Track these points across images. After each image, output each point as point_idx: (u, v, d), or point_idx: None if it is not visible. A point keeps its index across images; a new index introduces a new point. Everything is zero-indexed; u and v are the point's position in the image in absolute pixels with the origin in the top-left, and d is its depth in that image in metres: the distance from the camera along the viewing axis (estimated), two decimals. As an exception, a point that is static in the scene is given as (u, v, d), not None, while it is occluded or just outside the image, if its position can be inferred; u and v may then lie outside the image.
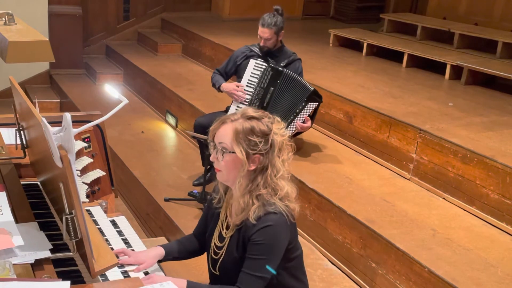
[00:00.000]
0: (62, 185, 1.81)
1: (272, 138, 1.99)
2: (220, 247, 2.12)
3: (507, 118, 4.52)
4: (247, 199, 2.00)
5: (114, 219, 2.53)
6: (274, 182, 2.00)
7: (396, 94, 5.05)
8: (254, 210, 1.98)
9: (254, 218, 1.97)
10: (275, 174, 2.00)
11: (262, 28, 4.21)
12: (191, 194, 4.34)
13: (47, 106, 7.10)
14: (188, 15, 8.80)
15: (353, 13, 9.04)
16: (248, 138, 1.97)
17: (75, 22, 7.75)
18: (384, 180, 4.11)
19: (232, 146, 1.98)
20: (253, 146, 1.97)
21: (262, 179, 2.00)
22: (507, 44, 5.90)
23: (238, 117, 2.01)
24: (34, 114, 1.96)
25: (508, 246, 3.29)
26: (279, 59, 4.29)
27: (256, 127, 1.98)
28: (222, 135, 2.01)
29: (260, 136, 1.98)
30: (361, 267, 3.45)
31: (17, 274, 1.83)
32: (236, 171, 2.01)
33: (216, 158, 2.03)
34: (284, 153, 2.04)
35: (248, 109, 2.06)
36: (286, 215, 2.00)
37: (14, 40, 1.88)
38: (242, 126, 1.98)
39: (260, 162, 1.99)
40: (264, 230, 1.96)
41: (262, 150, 1.98)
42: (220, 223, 2.15)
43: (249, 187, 2.00)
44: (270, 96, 4.15)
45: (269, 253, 1.97)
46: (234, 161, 1.99)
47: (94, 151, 3.07)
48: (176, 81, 6.57)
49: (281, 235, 1.99)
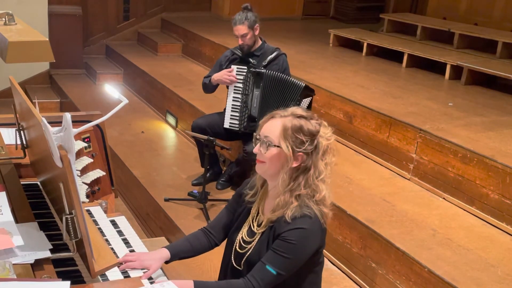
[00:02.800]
0: (62, 185, 1.81)
1: (318, 140, 2.03)
2: (248, 242, 2.12)
3: (507, 118, 4.52)
4: (287, 197, 2.02)
5: (114, 219, 2.53)
6: (315, 184, 2.02)
7: (396, 94, 5.05)
8: (292, 209, 2.00)
9: (290, 217, 1.98)
10: (317, 176, 2.03)
11: (234, 27, 4.21)
12: (191, 194, 4.34)
13: (47, 106, 7.10)
14: (188, 15, 8.80)
15: (353, 13, 9.04)
16: (295, 135, 2.00)
17: (75, 22, 7.75)
18: (384, 180, 4.11)
19: (279, 141, 2.01)
20: (299, 144, 2.00)
21: (304, 179, 2.02)
22: (507, 44, 5.90)
23: (288, 114, 2.05)
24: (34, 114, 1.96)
25: (508, 246, 3.29)
26: (261, 58, 4.27)
27: (305, 126, 2.02)
28: (269, 129, 2.04)
29: (307, 135, 2.01)
30: (361, 267, 3.45)
31: (17, 274, 1.83)
32: (278, 166, 2.03)
33: (260, 150, 2.05)
34: (328, 157, 2.06)
35: (298, 108, 2.09)
36: (320, 220, 2.01)
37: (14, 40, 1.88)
38: (292, 122, 2.01)
39: (303, 161, 2.01)
40: (298, 231, 1.97)
41: (307, 150, 2.01)
42: (251, 219, 2.16)
43: (291, 186, 2.02)
44: (257, 100, 4.14)
45: (295, 255, 1.98)
46: (278, 155, 2.01)
47: (94, 151, 3.07)
48: (176, 81, 6.57)
49: (312, 241, 2.01)
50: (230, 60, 4.35)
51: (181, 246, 2.26)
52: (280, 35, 7.34)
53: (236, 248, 2.16)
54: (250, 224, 2.15)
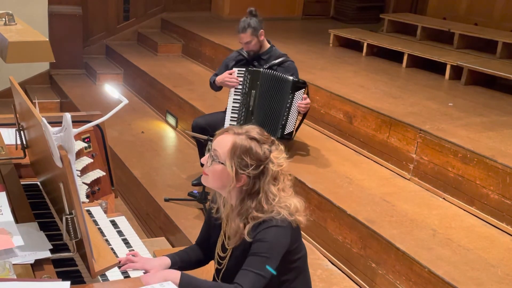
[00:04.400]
0: (62, 185, 1.81)
1: (266, 166, 1.98)
2: (223, 258, 2.11)
3: (507, 118, 4.52)
4: (237, 223, 1.99)
5: (114, 219, 2.53)
6: (273, 206, 1.98)
7: (396, 94, 5.05)
8: (248, 228, 1.97)
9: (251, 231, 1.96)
10: (272, 198, 1.98)
11: (239, 35, 4.22)
12: (191, 194, 4.34)
13: (47, 106, 7.10)
14: (188, 15, 8.80)
15: (353, 13, 9.04)
16: (242, 156, 1.96)
17: (75, 22, 7.75)
18: (384, 180, 4.11)
19: (224, 158, 1.97)
20: (243, 166, 1.96)
21: (253, 203, 1.98)
22: (507, 44, 5.90)
23: (242, 132, 2.00)
24: (34, 114, 1.96)
25: (508, 246, 3.29)
26: (267, 62, 4.27)
27: (254, 149, 1.96)
28: (220, 143, 2.00)
29: (254, 159, 1.96)
30: (361, 267, 3.45)
31: (17, 274, 1.83)
32: (221, 182, 2.00)
33: (206, 161, 2.03)
34: (280, 182, 2.02)
35: (256, 128, 2.04)
36: (287, 219, 1.99)
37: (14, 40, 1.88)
38: (241, 143, 1.97)
39: (247, 184, 1.97)
40: (268, 229, 1.95)
41: (250, 174, 1.96)
42: (223, 233, 2.14)
43: (239, 210, 2.00)
44: (254, 100, 4.14)
45: (270, 251, 1.96)
46: (221, 172, 1.98)
47: (94, 151, 3.07)
48: (176, 81, 6.57)
49: (283, 236, 1.98)
50: (236, 61, 4.35)
51: (181, 256, 2.27)
52: (280, 35, 7.33)
53: (215, 264, 2.16)
54: (222, 239, 2.13)
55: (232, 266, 2.06)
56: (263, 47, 4.30)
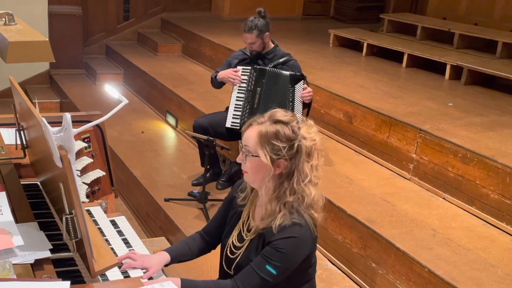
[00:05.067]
0: (62, 185, 1.81)
1: (299, 143, 1.95)
2: (238, 247, 2.10)
3: (507, 118, 4.52)
4: (274, 206, 1.98)
5: (114, 219, 2.53)
6: (301, 188, 1.97)
7: (396, 94, 5.05)
8: (280, 218, 1.95)
9: (279, 227, 1.94)
10: (302, 179, 1.96)
11: (244, 34, 4.22)
12: (191, 194, 4.34)
13: (47, 106, 7.11)
14: (188, 15, 8.80)
15: (353, 13, 9.04)
16: (272, 142, 1.94)
17: (75, 22, 7.75)
18: (384, 180, 4.11)
19: (256, 150, 1.96)
20: (277, 151, 1.94)
21: (289, 186, 1.97)
22: (507, 44, 5.90)
23: (265, 120, 1.98)
24: (34, 114, 1.96)
25: (508, 246, 3.29)
26: (271, 61, 4.28)
27: (281, 131, 1.94)
28: (247, 137, 1.99)
29: (285, 141, 1.94)
30: (361, 267, 3.45)
31: (17, 274, 1.83)
32: (261, 175, 1.98)
33: (242, 160, 2.02)
34: (314, 158, 1.99)
35: (278, 111, 2.01)
36: (311, 228, 1.97)
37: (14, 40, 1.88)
38: (267, 129, 1.95)
39: (286, 167, 1.96)
40: (288, 240, 1.93)
41: (287, 156, 1.94)
42: (241, 223, 2.13)
43: (276, 193, 1.98)
44: (258, 97, 4.16)
45: (284, 263, 1.95)
46: (258, 165, 1.97)
47: (94, 151, 3.07)
48: (176, 81, 6.57)
49: (302, 249, 1.97)
50: (240, 60, 4.35)
51: (180, 249, 2.26)
52: (280, 35, 7.32)
53: (227, 252, 2.15)
54: (240, 229, 2.13)
55: (246, 259, 2.05)
56: (267, 47, 4.31)
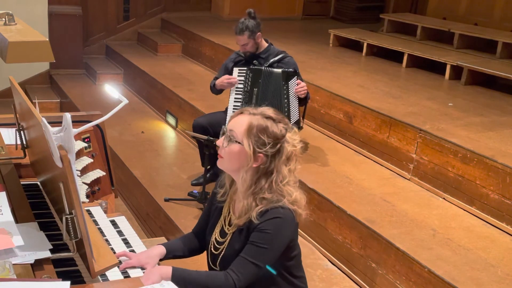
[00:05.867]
0: (62, 185, 1.81)
1: (282, 145, 1.99)
2: (221, 243, 2.11)
3: (507, 118, 4.52)
4: (250, 202, 2.00)
5: (114, 219, 2.52)
6: (280, 188, 2.00)
7: (396, 94, 5.05)
8: (258, 210, 1.97)
9: (258, 216, 1.96)
10: (281, 180, 2.00)
11: (236, 36, 4.26)
12: (191, 194, 4.34)
13: (47, 106, 7.10)
14: (188, 15, 8.80)
15: (353, 13, 9.04)
16: (259, 135, 1.97)
17: (75, 22, 7.75)
18: (384, 180, 4.11)
19: (241, 137, 1.98)
20: (261, 144, 1.97)
21: (267, 183, 1.99)
22: (507, 44, 5.90)
23: (257, 112, 2.02)
24: (34, 114, 1.96)
25: (508, 246, 3.29)
26: (265, 60, 4.30)
27: (270, 128, 1.98)
28: (236, 123, 2.01)
29: (271, 137, 1.98)
30: (361, 267, 3.45)
31: (17, 274, 1.83)
32: (238, 163, 2.00)
33: (222, 143, 2.03)
34: (292, 163, 2.03)
35: (270, 109, 2.06)
36: (292, 213, 2.00)
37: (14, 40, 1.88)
38: (258, 122, 1.99)
39: (263, 162, 1.98)
40: (273, 221, 1.96)
41: (268, 152, 1.97)
42: (223, 218, 2.15)
43: (252, 189, 2.00)
44: (255, 97, 4.19)
45: (272, 244, 1.97)
46: (238, 152, 1.99)
47: (94, 151, 3.07)
48: (176, 81, 6.57)
49: (287, 230, 2.00)
50: (235, 62, 4.37)
51: (175, 245, 2.28)
52: (280, 35, 7.33)
53: (211, 249, 2.16)
54: (222, 224, 2.14)
55: (230, 251, 2.06)
56: (261, 46, 4.33)
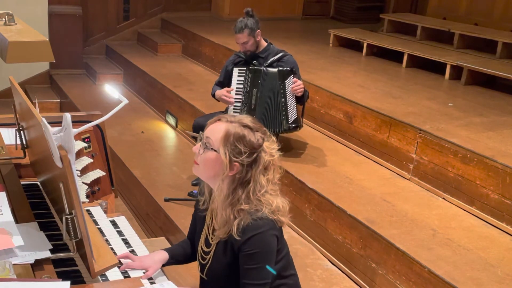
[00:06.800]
0: (62, 185, 1.81)
1: (259, 155, 1.96)
2: (207, 252, 2.09)
3: (507, 118, 4.52)
4: (228, 213, 1.96)
5: (114, 219, 2.52)
6: (258, 198, 1.95)
7: (396, 94, 5.05)
8: (237, 224, 1.94)
9: (239, 232, 1.93)
10: (259, 189, 1.96)
11: (236, 35, 4.26)
12: (191, 194, 4.34)
13: (47, 106, 7.10)
14: (188, 15, 8.80)
15: (353, 13, 9.03)
16: (235, 143, 1.93)
17: (75, 22, 7.75)
18: (384, 180, 4.10)
19: (218, 145, 1.95)
20: (237, 153, 1.93)
21: (244, 193, 1.95)
22: (507, 44, 5.90)
23: (235, 120, 1.98)
24: (34, 114, 1.96)
25: (508, 246, 3.29)
26: (265, 60, 4.30)
27: (247, 136, 1.94)
28: (213, 130, 1.98)
29: (247, 147, 1.94)
30: (361, 267, 3.45)
31: (17, 274, 1.83)
32: (213, 171, 1.97)
33: (198, 150, 2.00)
34: (270, 173, 1.99)
35: (248, 117, 2.02)
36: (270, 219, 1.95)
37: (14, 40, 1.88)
38: (235, 130, 1.95)
39: (239, 172, 1.94)
40: (254, 239, 1.92)
41: (244, 161, 1.93)
42: (206, 227, 2.12)
43: (230, 200, 1.96)
44: (255, 98, 4.19)
45: (264, 259, 1.95)
46: (213, 160, 1.95)
47: (94, 151, 3.07)
48: (176, 81, 6.57)
49: (271, 239, 1.96)
50: (235, 63, 4.37)
51: (177, 250, 2.27)
52: (280, 35, 7.33)
53: (199, 258, 2.15)
54: (206, 233, 2.11)
55: (217, 264, 2.04)
56: (260, 46, 4.33)
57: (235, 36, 4.26)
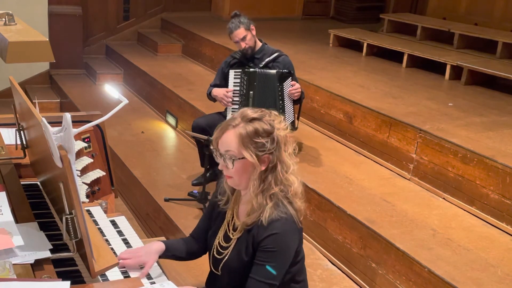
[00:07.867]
0: (62, 185, 1.81)
1: (277, 135, 1.99)
2: (225, 247, 2.10)
3: (507, 118, 4.52)
4: (260, 200, 1.99)
5: (114, 219, 2.52)
6: (285, 178, 2.01)
7: (396, 94, 5.05)
8: (268, 210, 1.97)
9: (267, 220, 1.96)
10: (286, 170, 2.01)
11: (233, 33, 4.28)
12: (191, 194, 4.34)
13: (47, 106, 7.10)
14: (188, 15, 8.80)
15: (353, 13, 9.04)
16: (254, 140, 1.95)
17: (75, 22, 7.75)
18: (384, 180, 4.11)
19: (240, 152, 1.96)
20: (261, 147, 1.96)
21: (273, 177, 1.99)
22: (507, 44, 5.90)
23: (239, 122, 1.98)
24: (34, 114, 1.96)
25: (508, 246, 3.29)
26: (260, 60, 4.31)
27: (260, 128, 1.96)
28: (226, 142, 1.98)
29: (265, 136, 1.96)
30: (361, 267, 3.45)
31: (17, 274, 1.83)
32: (247, 175, 2.00)
33: (226, 166, 2.01)
34: (289, 146, 2.03)
35: (246, 110, 2.03)
36: (295, 220, 2.00)
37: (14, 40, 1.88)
38: (246, 130, 1.96)
39: (271, 161, 1.98)
40: (275, 237, 1.95)
41: (271, 149, 1.97)
42: (226, 223, 2.14)
43: (261, 187, 1.99)
44: (252, 100, 4.19)
45: (279, 260, 1.97)
46: (244, 166, 1.98)
47: (94, 151, 3.07)
48: (176, 81, 6.57)
49: (291, 242, 2.00)
50: (230, 65, 4.37)
51: (176, 244, 2.27)
52: (280, 35, 7.33)
53: (213, 253, 2.15)
54: (225, 229, 2.13)
55: (234, 257, 2.06)
56: (255, 46, 4.33)
57: (232, 35, 4.28)
